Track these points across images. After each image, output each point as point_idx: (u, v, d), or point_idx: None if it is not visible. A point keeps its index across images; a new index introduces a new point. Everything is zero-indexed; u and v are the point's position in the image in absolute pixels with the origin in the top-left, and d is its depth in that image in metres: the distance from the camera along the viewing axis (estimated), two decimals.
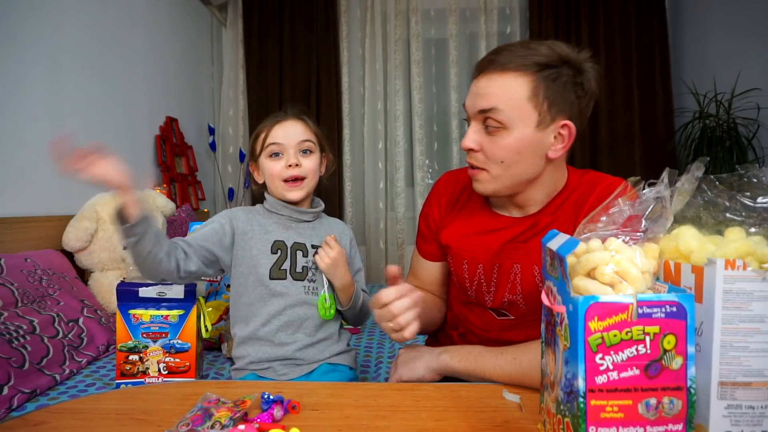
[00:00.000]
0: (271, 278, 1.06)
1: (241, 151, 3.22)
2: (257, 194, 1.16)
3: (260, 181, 1.15)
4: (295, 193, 1.08)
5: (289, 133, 1.09)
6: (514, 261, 0.93)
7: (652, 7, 3.11)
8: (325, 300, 1.07)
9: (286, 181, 1.08)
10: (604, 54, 3.07)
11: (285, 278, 1.07)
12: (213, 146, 3.16)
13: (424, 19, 3.27)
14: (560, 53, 0.83)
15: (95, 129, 2.01)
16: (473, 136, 0.87)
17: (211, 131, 3.15)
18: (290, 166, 1.07)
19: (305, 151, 1.10)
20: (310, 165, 1.10)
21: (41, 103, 1.72)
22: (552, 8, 3.13)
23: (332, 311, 1.08)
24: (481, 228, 0.97)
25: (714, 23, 2.87)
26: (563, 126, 0.85)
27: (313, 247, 1.10)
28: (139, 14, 2.37)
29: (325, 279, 1.09)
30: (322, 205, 1.18)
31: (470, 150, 0.88)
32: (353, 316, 1.14)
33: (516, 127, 0.83)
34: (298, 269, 1.08)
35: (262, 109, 3.25)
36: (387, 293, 0.77)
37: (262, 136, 1.10)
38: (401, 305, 0.77)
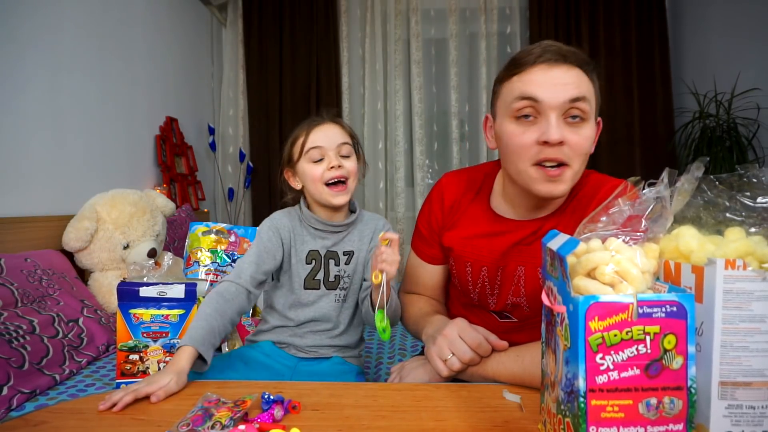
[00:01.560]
0: (305, 288, 1.08)
1: (241, 151, 3.22)
2: (293, 203, 1.14)
3: (298, 187, 1.11)
4: (340, 198, 1.05)
5: (329, 136, 1.06)
6: (518, 263, 0.92)
7: (652, 7, 3.11)
8: (383, 319, 0.88)
9: (328, 184, 1.05)
10: (604, 54, 3.07)
11: (318, 288, 1.08)
12: (213, 146, 3.16)
13: (424, 19, 3.27)
14: (585, 55, 0.86)
15: (95, 129, 2.01)
16: (559, 129, 0.80)
17: (211, 131, 3.15)
18: (332, 168, 1.04)
19: (344, 155, 1.07)
20: (351, 166, 1.07)
21: (41, 104, 1.72)
22: (552, 8, 3.12)
23: (388, 328, 0.89)
24: (484, 231, 0.96)
25: (714, 23, 2.87)
26: (598, 122, 0.88)
27: (344, 254, 1.09)
28: (139, 14, 2.37)
29: (382, 292, 0.89)
30: (357, 211, 1.13)
31: (559, 144, 0.81)
32: (393, 314, 1.02)
33: (591, 119, 0.84)
34: (331, 278, 1.08)
35: (262, 109, 3.25)
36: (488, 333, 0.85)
37: (301, 140, 1.07)
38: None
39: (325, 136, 1.06)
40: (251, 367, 1.03)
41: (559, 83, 0.81)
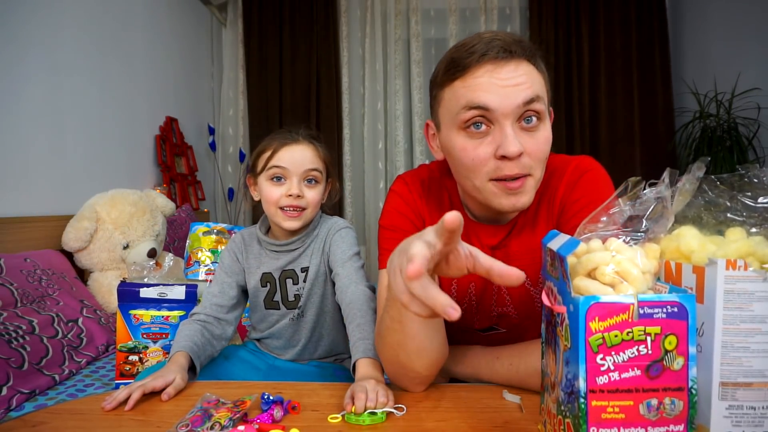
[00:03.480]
0: (266, 308, 1.06)
1: (241, 151, 3.22)
2: (252, 211, 1.12)
3: (256, 199, 1.05)
4: (292, 223, 0.99)
5: (297, 159, 0.98)
6: None
7: (652, 7, 3.11)
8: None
9: (283, 208, 0.99)
10: (604, 54, 3.07)
11: (279, 308, 1.05)
12: (213, 146, 3.16)
13: (424, 19, 3.27)
14: (529, 42, 0.77)
15: (95, 129, 2.01)
16: (516, 140, 0.71)
17: (211, 131, 3.15)
18: (290, 195, 0.97)
19: (310, 181, 1.00)
20: (313, 196, 1.00)
21: (41, 104, 1.72)
22: (552, 8, 3.12)
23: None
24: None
25: (714, 23, 2.87)
26: (551, 112, 0.80)
27: (302, 271, 1.03)
28: (138, 14, 2.37)
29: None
30: (311, 227, 1.05)
31: (518, 156, 0.72)
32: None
33: (546, 117, 0.75)
34: (290, 298, 1.04)
35: (262, 109, 3.25)
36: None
37: (267, 155, 0.99)
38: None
39: (292, 159, 0.98)
40: (231, 362, 1.03)
41: (509, 85, 0.71)
